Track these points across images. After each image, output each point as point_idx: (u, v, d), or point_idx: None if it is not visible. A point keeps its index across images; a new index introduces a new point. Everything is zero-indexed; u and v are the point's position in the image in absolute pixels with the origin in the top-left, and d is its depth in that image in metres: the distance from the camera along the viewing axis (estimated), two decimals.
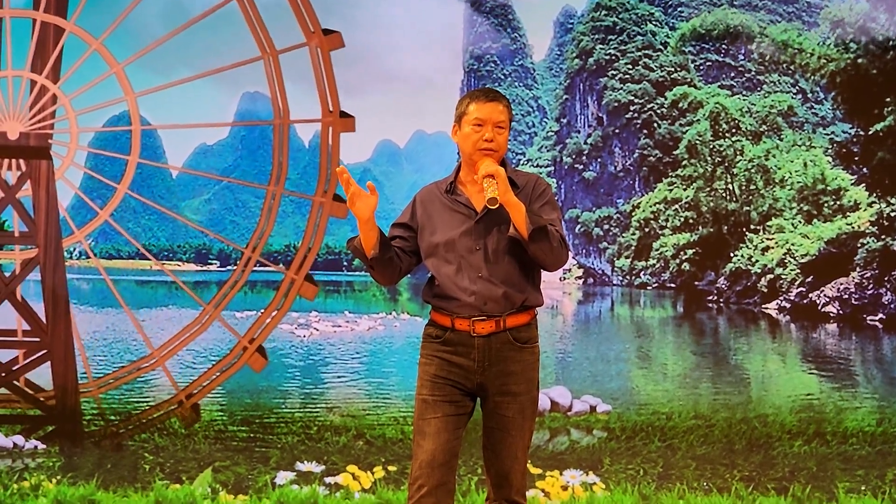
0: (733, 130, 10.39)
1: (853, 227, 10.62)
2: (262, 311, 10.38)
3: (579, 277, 10.41)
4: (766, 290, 10.61)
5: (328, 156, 10.49)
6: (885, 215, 10.51)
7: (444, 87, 10.51)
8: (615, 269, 10.39)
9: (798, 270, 10.63)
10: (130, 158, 10.58)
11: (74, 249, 10.55)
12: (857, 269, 10.53)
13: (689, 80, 10.38)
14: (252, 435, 10.27)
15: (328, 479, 9.98)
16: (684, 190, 10.45)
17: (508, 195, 5.83)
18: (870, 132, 10.63)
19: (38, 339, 10.40)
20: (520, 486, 6.25)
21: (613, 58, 10.47)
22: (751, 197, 10.50)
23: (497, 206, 5.75)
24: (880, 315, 10.52)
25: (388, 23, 10.17)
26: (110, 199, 10.61)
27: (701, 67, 10.33)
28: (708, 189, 10.50)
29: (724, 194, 10.48)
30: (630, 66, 10.48)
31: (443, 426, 6.10)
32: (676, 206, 10.46)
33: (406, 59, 9.86)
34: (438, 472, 6.02)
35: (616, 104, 10.44)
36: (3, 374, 10.43)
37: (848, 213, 10.61)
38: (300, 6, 10.35)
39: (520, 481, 6.20)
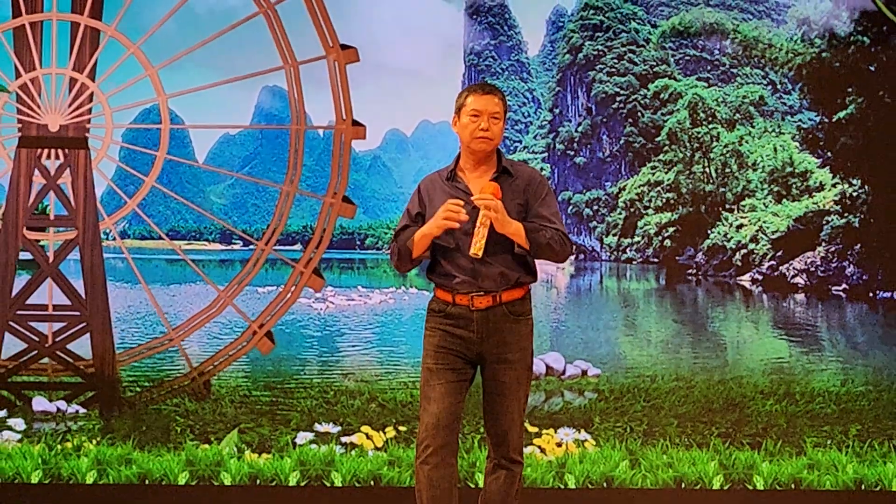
0: (710, 119, 10.51)
1: (818, 206, 10.69)
2: (273, 300, 10.44)
3: (571, 254, 10.53)
4: (740, 264, 10.69)
5: (339, 160, 10.53)
6: (847, 195, 10.59)
7: (447, 81, 10.62)
8: (604, 245, 10.50)
9: (769, 246, 10.72)
10: (159, 154, 10.64)
11: (110, 232, 10.63)
12: (823, 244, 10.62)
13: (669, 73, 10.50)
14: (274, 399, 10.35)
15: (344, 439, 10.07)
16: (666, 173, 10.57)
17: (506, 227, 6.08)
18: (833, 120, 10.69)
19: (77, 313, 10.50)
20: (517, 444, 6.43)
21: (601, 53, 10.58)
22: (726, 179, 10.60)
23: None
24: (843, 286, 10.60)
25: (398, 23, 10.30)
26: (138, 190, 10.68)
27: (680, 61, 10.45)
28: (687, 172, 10.60)
29: (701, 177, 10.59)
30: (616, 61, 10.59)
31: (446, 392, 6.32)
32: (659, 188, 10.57)
33: (412, 56, 10.01)
34: (443, 433, 6.27)
35: (603, 95, 10.55)
36: (47, 346, 10.54)
37: (814, 194, 10.68)
38: (321, 21, 10.42)
39: (517, 440, 6.40)
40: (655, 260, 10.61)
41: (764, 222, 10.51)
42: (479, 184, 6.32)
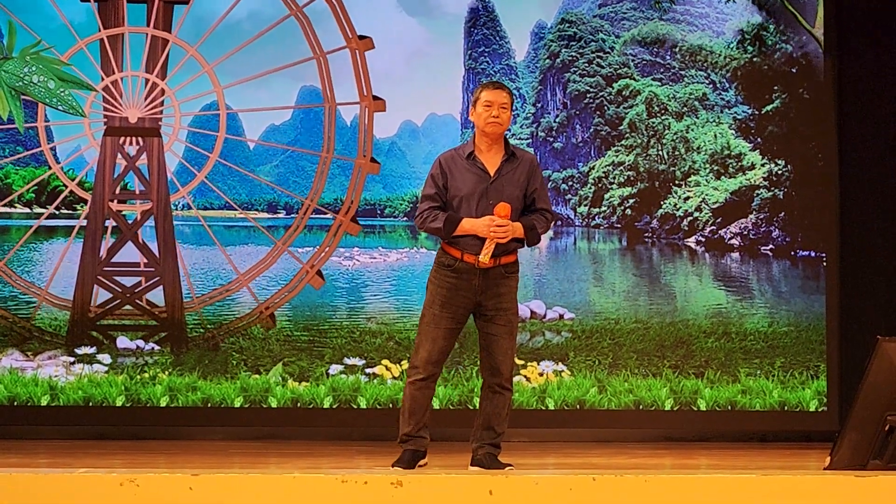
0: (662, 111, 10.44)
1: (750, 182, 10.62)
2: (320, 245, 10.50)
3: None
4: (686, 229, 10.62)
5: (364, 130, 10.63)
6: (773, 173, 10.54)
7: (450, 80, 10.62)
8: (577, 214, 10.46)
9: (710, 214, 10.65)
10: (219, 134, 10.68)
11: (179, 203, 10.62)
12: (753, 212, 10.56)
13: (630, 74, 10.42)
14: (311, 338, 10.34)
15: (368, 370, 10.07)
16: (627, 156, 10.50)
17: (515, 233, 6.52)
18: (762, 112, 10.64)
19: (153, 269, 10.52)
20: (508, 374, 6.63)
21: (574, 58, 10.50)
22: (675, 160, 10.54)
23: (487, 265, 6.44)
24: (770, 246, 10.55)
25: (408, 33, 10.33)
26: (205, 165, 10.70)
27: (638, 65, 10.36)
28: (644, 155, 10.54)
29: (656, 158, 10.53)
30: (587, 65, 10.52)
31: (444, 335, 6.54)
32: (621, 167, 10.52)
33: (422, 58, 10.01)
34: (433, 367, 6.55)
35: (577, 93, 10.48)
36: (129, 295, 10.55)
37: (746, 172, 10.60)
38: (342, 18, 10.49)
39: (508, 371, 6.63)
40: (619, 226, 10.55)
41: (706, 195, 10.46)
42: (493, 162, 6.58)
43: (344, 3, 10.59)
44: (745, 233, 10.65)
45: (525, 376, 10.27)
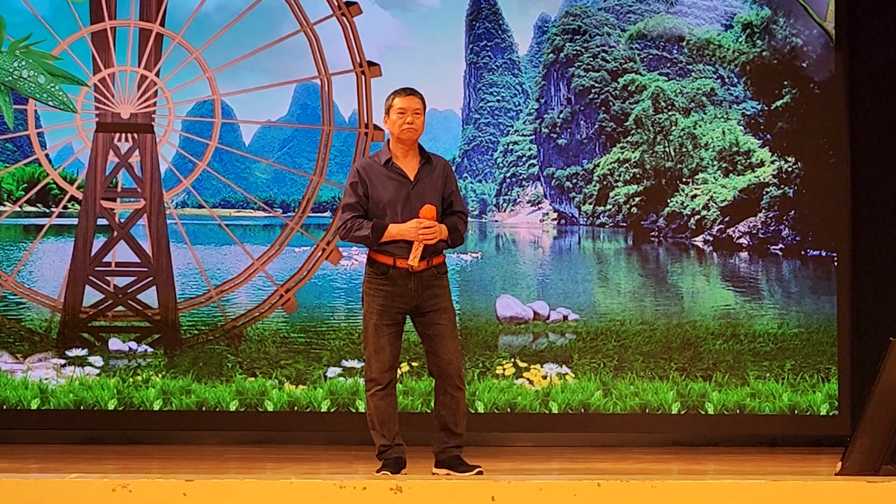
0: (669, 107, 10.43)
1: (759, 179, 10.62)
2: (329, 226, 10.52)
3: (554, 219, 10.51)
4: (694, 227, 10.63)
5: (363, 98, 10.73)
6: (783, 170, 10.54)
7: (451, 76, 10.60)
8: (581, 212, 10.45)
9: (718, 212, 10.65)
10: (210, 143, 10.69)
11: (172, 201, 10.63)
12: (763, 211, 10.57)
13: (635, 69, 10.40)
14: (308, 340, 10.35)
15: None
16: (632, 152, 10.50)
17: (442, 234, 6.75)
18: (772, 108, 10.64)
19: (146, 269, 10.53)
20: (458, 374, 6.77)
21: (579, 52, 10.49)
22: (682, 157, 10.54)
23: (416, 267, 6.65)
24: (780, 245, 10.56)
25: (410, 30, 10.31)
26: (192, 172, 10.70)
27: (644, 59, 10.35)
28: (651, 151, 10.54)
29: (662, 155, 10.53)
30: (591, 59, 10.50)
31: (389, 342, 6.75)
32: (627, 164, 10.52)
33: (424, 55, 9.97)
34: (388, 374, 6.74)
35: (581, 88, 10.47)
36: (121, 296, 10.55)
37: (755, 169, 10.60)
38: (353, 42, 10.63)
39: (457, 370, 6.74)
40: (624, 224, 10.56)
41: (714, 193, 10.47)
42: (411, 168, 6.81)
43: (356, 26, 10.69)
44: (755, 232, 10.65)
45: (528, 379, 10.28)
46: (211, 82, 10.60)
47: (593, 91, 10.95)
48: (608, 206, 10.84)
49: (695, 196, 10.72)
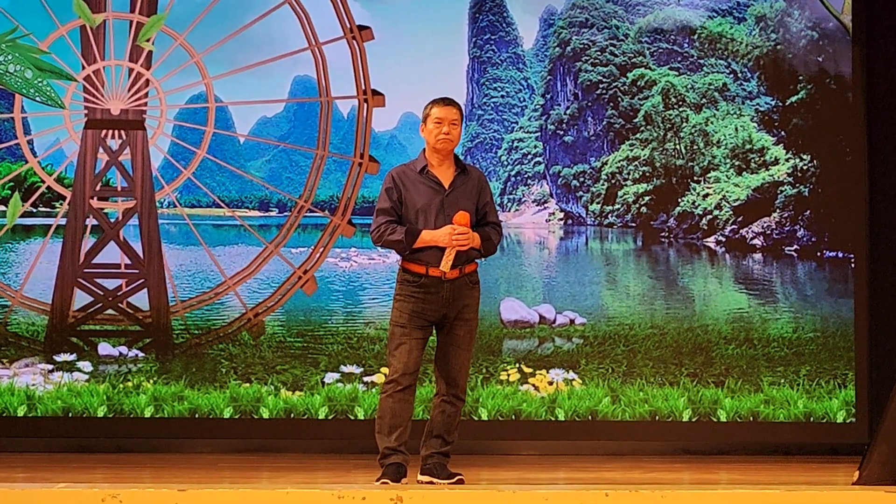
0: (680, 103, 10.43)
1: (774, 178, 10.62)
2: (313, 247, 10.52)
3: (561, 219, 10.51)
4: (706, 228, 10.63)
5: (362, 127, 10.66)
6: (798, 168, 10.54)
7: (454, 71, 10.60)
8: (588, 212, 10.44)
9: (731, 212, 10.65)
10: (207, 129, 10.69)
11: (164, 200, 10.63)
12: (777, 210, 10.57)
13: (645, 63, 10.40)
14: (306, 344, 10.35)
15: (365, 379, 10.09)
16: (642, 150, 10.50)
17: (475, 242, 6.83)
18: (786, 104, 10.63)
19: (136, 271, 10.52)
20: (463, 386, 6.97)
21: (586, 46, 10.48)
22: (694, 155, 10.54)
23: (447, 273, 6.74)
24: (795, 246, 10.55)
25: (410, 22, 10.31)
26: (192, 161, 10.71)
27: (654, 53, 10.34)
28: (660, 149, 10.54)
29: (673, 153, 10.52)
30: (599, 53, 10.49)
31: (415, 347, 6.86)
32: (636, 162, 10.51)
33: (424, 49, 9.92)
34: (409, 378, 6.83)
35: (588, 83, 10.46)
36: (111, 299, 10.55)
37: (769, 167, 10.60)
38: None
39: (463, 382, 6.96)
40: (633, 224, 10.55)
41: (726, 192, 10.46)
42: (446, 177, 6.97)
43: (366, 51, 10.68)
44: (769, 232, 10.65)
45: (534, 385, 10.27)
46: (199, 66, 10.60)
47: (601, 86, 10.95)
48: (617, 206, 10.84)
49: (707, 195, 10.72)
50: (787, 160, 10.61)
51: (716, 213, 10.67)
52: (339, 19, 10.53)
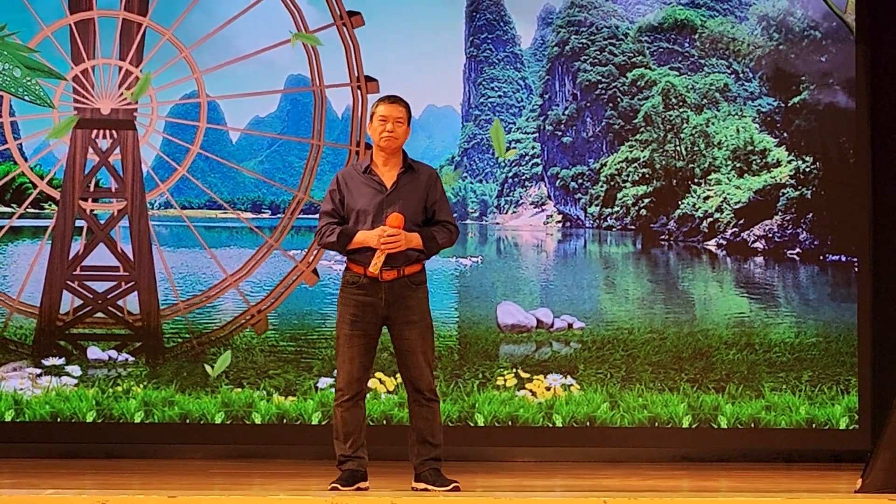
0: (680, 103, 10.44)
1: (776, 180, 10.64)
2: (310, 245, 10.52)
3: (559, 222, 10.52)
4: (706, 231, 10.64)
5: (358, 114, 10.68)
6: (801, 171, 10.55)
7: (451, 70, 10.61)
8: (587, 214, 10.45)
9: (732, 215, 10.66)
10: (200, 125, 10.70)
11: (156, 201, 10.64)
12: (779, 213, 10.58)
13: (645, 63, 10.41)
14: (299, 349, 10.36)
15: None
16: (641, 151, 10.51)
17: (408, 245, 6.85)
18: (789, 104, 10.65)
19: (126, 274, 10.53)
20: (429, 386, 7.00)
21: (585, 46, 10.49)
22: (694, 156, 10.56)
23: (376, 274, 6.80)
24: (797, 250, 10.57)
25: (406, 21, 10.33)
26: (185, 158, 10.72)
27: (654, 53, 10.36)
28: (661, 150, 10.55)
29: (673, 154, 10.54)
30: (598, 53, 10.51)
31: (357, 354, 6.90)
32: (635, 164, 10.53)
33: (421, 48, 9.93)
34: (357, 384, 6.91)
35: (587, 83, 10.47)
36: (100, 302, 10.54)
37: (771, 169, 10.62)
38: (353, 55, 10.67)
39: (428, 383, 6.99)
40: (632, 227, 10.56)
41: (728, 194, 10.47)
42: (389, 176, 7.04)
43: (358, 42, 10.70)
44: (770, 235, 10.66)
45: (531, 391, 10.28)
46: (189, 61, 10.61)
47: (600, 86, 10.96)
48: (616, 208, 10.85)
49: (707, 197, 10.73)
50: (789, 162, 10.62)
51: (717, 215, 10.68)
52: (329, 6, 10.53)
